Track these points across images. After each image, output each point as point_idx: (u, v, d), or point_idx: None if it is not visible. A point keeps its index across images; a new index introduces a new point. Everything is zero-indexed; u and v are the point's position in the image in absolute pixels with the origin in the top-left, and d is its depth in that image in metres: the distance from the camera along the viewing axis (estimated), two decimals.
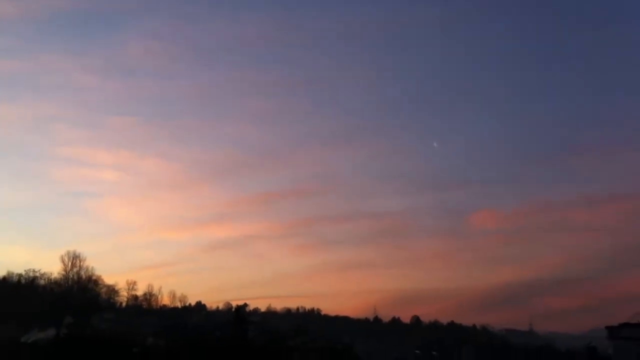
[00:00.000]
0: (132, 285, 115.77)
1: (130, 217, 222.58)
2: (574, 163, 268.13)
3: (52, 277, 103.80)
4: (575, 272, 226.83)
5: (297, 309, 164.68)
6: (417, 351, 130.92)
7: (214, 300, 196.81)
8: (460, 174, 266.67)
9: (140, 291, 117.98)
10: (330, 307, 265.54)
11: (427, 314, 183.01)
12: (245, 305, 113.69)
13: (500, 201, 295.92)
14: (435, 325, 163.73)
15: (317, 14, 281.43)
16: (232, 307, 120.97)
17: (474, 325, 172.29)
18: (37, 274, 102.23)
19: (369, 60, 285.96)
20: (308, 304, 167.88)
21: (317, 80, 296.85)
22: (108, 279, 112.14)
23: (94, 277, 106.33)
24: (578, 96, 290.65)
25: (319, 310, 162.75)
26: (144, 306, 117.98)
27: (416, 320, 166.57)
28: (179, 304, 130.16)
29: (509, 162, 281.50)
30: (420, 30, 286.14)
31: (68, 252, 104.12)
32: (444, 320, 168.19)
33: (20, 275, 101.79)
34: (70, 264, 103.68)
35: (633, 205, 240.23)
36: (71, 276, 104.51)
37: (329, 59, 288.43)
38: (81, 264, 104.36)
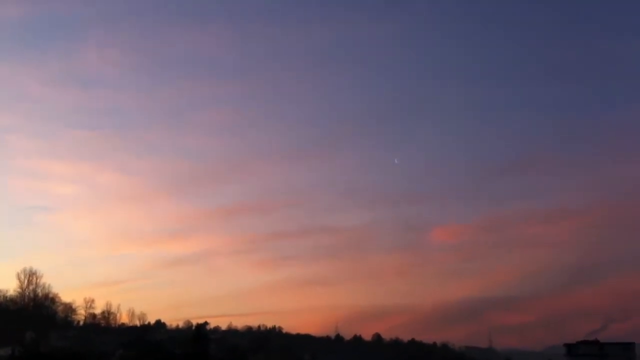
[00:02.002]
0: (89, 303, 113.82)
1: (88, 232, 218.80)
2: (530, 179, 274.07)
3: (8, 294, 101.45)
4: (531, 288, 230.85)
5: (259, 326, 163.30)
6: None
7: (173, 318, 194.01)
8: (419, 189, 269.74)
9: (98, 309, 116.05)
10: (291, 324, 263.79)
11: (389, 330, 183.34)
12: (206, 323, 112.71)
13: (458, 216, 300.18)
14: (396, 343, 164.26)
15: (278, 26, 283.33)
16: (192, 325, 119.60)
17: (435, 343, 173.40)
18: None
19: (329, 74, 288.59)
20: (269, 322, 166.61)
21: (279, 94, 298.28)
22: (65, 295, 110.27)
23: (50, 295, 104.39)
24: (534, 113, 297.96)
25: (280, 328, 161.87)
26: (102, 324, 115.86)
27: (377, 337, 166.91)
28: (138, 322, 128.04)
29: (466, 177, 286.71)
30: (380, 45, 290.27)
31: (24, 269, 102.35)
32: (405, 337, 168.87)
33: None
34: (26, 281, 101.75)
35: (587, 221, 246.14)
36: (27, 294, 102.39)
37: (290, 72, 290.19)
38: (37, 281, 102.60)
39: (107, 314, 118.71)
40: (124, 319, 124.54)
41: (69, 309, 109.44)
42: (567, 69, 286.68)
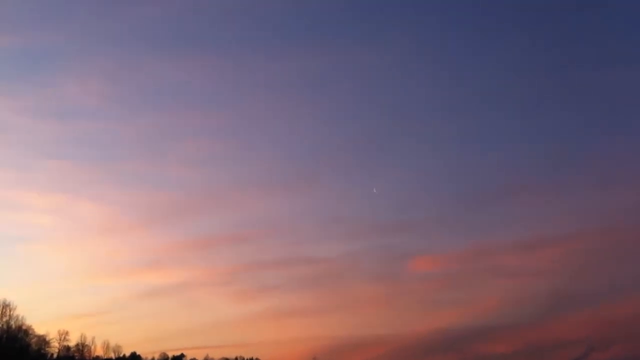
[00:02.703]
0: (64, 335, 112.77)
1: (64, 263, 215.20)
2: (511, 208, 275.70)
3: None
4: (513, 317, 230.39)
5: (236, 358, 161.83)
6: None
7: (149, 350, 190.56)
8: (399, 219, 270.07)
9: (72, 341, 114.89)
10: (269, 355, 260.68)
11: None
12: (182, 355, 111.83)
13: (439, 246, 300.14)
14: None
15: (260, 59, 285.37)
16: (168, 357, 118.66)
17: None
18: None
19: (308, 105, 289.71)
20: (247, 353, 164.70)
21: (257, 124, 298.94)
22: (39, 327, 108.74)
23: (24, 327, 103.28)
24: (514, 143, 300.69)
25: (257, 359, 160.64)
26: (77, 357, 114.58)
27: None
28: (113, 355, 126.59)
29: (447, 207, 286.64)
30: (356, 75, 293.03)
31: None
32: None
33: None
34: None
35: (568, 250, 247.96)
36: (0, 326, 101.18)
37: (270, 104, 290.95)
38: (11, 313, 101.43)
39: (81, 347, 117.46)
40: (98, 351, 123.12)
41: (43, 341, 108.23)
42: (550, 98, 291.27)
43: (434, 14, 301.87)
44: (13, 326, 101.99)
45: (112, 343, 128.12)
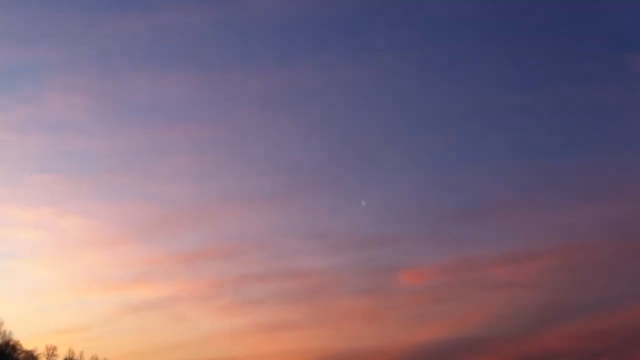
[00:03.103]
0: (51, 350, 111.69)
1: (50, 277, 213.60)
2: (497, 221, 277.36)
3: None
4: (500, 330, 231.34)
5: None
6: None
7: None
8: (385, 232, 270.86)
9: (60, 356, 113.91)
10: None
11: None
12: None
13: (426, 259, 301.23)
14: None
15: (245, 73, 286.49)
16: None
17: None
18: None
19: (294, 118, 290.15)
20: None
21: (242, 138, 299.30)
22: (27, 342, 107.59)
23: (12, 342, 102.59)
24: (500, 158, 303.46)
25: None
26: None
27: None
28: None
29: (433, 220, 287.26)
30: (342, 89, 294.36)
31: None
32: None
33: None
34: None
35: (553, 262, 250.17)
36: None
37: (254, 116, 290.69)
38: None
39: None
40: None
41: (31, 356, 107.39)
42: (530, 114, 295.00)
43: (420, 30, 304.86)
44: (1, 341, 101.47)
45: (100, 358, 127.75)
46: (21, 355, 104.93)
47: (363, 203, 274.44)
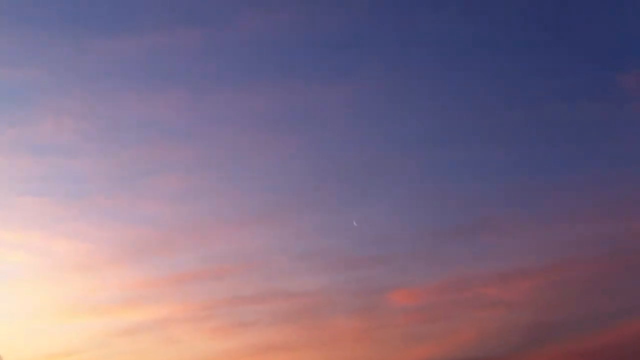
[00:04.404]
0: None
1: (40, 301, 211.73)
2: (487, 240, 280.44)
3: None
4: (492, 349, 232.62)
5: None
6: None
7: None
8: (377, 252, 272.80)
9: None
10: None
11: None
12: None
13: (417, 278, 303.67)
14: None
15: (236, 93, 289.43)
16: None
17: None
18: None
19: (283, 138, 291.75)
20: None
21: (232, 158, 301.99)
22: None
23: None
24: (491, 175, 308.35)
25: None
26: None
27: None
28: None
29: (425, 239, 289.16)
30: (333, 108, 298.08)
31: None
32: None
33: None
34: None
35: (545, 280, 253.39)
36: None
37: (245, 136, 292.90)
38: None
39: None
40: None
41: None
42: (524, 130, 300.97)
43: (412, 46, 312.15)
44: None
45: None
46: None
47: (355, 223, 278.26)
